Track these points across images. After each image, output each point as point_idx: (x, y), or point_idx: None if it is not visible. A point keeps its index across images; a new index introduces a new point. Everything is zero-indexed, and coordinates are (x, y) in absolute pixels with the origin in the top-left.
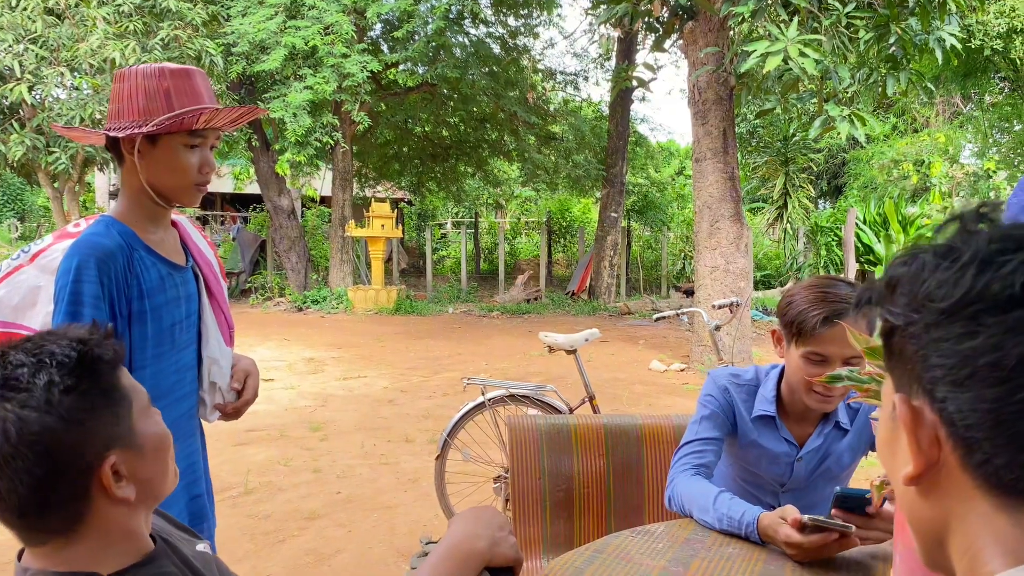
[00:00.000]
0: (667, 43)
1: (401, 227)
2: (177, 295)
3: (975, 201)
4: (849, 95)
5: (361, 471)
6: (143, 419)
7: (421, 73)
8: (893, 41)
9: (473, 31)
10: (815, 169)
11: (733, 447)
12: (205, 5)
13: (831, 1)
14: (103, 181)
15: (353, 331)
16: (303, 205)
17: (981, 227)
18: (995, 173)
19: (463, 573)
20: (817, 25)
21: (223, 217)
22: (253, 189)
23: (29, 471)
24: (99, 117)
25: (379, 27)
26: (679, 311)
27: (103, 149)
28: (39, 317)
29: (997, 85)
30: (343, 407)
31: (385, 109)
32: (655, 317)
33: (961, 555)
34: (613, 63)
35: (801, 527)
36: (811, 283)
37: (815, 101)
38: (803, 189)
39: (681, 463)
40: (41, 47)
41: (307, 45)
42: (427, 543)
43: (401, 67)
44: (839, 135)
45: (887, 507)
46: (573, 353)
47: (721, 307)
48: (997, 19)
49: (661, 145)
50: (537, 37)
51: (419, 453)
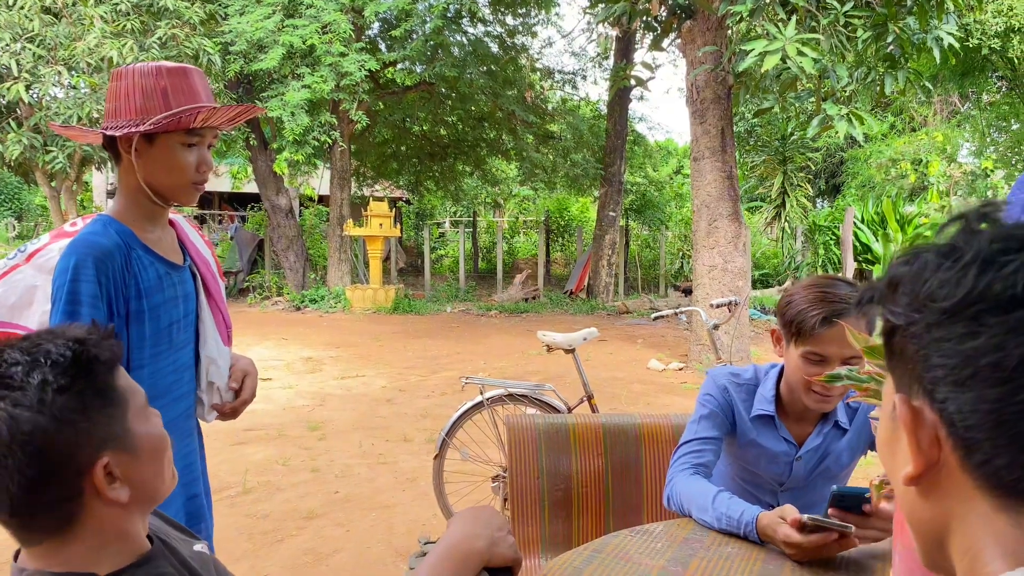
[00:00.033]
0: (665, 42)
1: (399, 226)
2: (175, 294)
3: (973, 200)
4: (847, 94)
5: (359, 470)
6: (139, 420)
7: (419, 72)
8: (891, 40)
9: (471, 30)
10: (813, 168)
11: (732, 446)
12: (203, 4)
13: (829, 0)
14: (101, 180)
15: (351, 330)
16: (301, 204)
17: (983, 227)
18: (993, 172)
19: (462, 573)
20: (815, 24)
21: (221, 216)
22: (251, 188)
23: (21, 470)
24: (96, 116)
25: (377, 26)
26: (677, 310)
27: (100, 148)
28: (35, 317)
29: (995, 84)
30: (341, 406)
31: (383, 108)
32: (653, 316)
33: (961, 556)
34: (611, 62)
35: (801, 527)
36: (810, 283)
37: (813, 100)
38: (801, 188)
39: (680, 462)
40: (38, 46)
41: (305, 44)
42: (425, 543)
43: (399, 66)
44: (837, 134)
45: (884, 506)
46: (571, 352)
47: (719, 306)
48: (995, 18)
49: (659, 144)
50: (535, 36)
51: (417, 452)
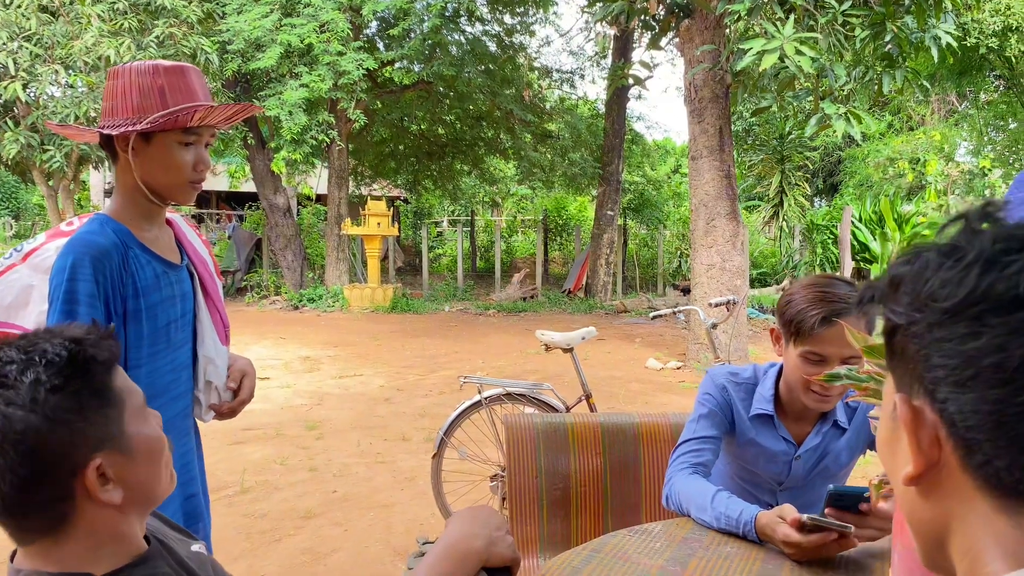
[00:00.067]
0: (663, 41)
1: (397, 225)
2: (172, 294)
3: (971, 199)
4: (845, 93)
5: (357, 470)
6: (136, 421)
7: (417, 71)
8: (889, 39)
9: (469, 29)
10: (811, 167)
11: (731, 446)
12: (200, 3)
13: None
14: (98, 179)
15: (349, 329)
16: (299, 203)
17: (985, 226)
18: (990, 171)
19: (460, 573)
20: (813, 23)
21: (218, 215)
22: (249, 187)
23: (13, 469)
24: (94, 115)
25: (375, 25)
26: (675, 309)
27: (98, 147)
28: (32, 316)
29: (992, 83)
30: (339, 406)
31: (381, 107)
32: (651, 315)
33: (961, 556)
34: (609, 61)
35: (800, 526)
36: (810, 282)
37: (811, 99)
38: (799, 187)
39: (679, 462)
40: (36, 45)
41: (303, 43)
42: (424, 543)
43: (397, 65)
44: (835, 133)
45: (882, 505)
46: (569, 351)
47: (717, 305)
48: (993, 17)
49: (657, 143)
50: (533, 35)
51: (415, 452)
